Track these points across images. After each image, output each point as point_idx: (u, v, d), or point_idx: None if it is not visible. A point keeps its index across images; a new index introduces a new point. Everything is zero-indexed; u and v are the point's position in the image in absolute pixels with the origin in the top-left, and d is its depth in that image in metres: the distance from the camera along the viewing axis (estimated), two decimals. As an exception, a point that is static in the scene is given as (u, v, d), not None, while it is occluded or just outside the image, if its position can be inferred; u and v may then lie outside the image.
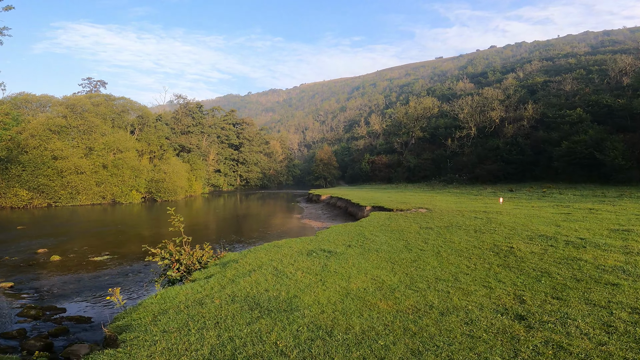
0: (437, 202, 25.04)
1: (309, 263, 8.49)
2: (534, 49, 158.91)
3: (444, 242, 10.76)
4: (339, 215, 29.39)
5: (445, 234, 12.08)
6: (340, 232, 13.01)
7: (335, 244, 10.79)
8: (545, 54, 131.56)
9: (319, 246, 10.48)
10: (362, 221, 15.89)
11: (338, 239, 11.76)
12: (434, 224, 14.12)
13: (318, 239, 11.94)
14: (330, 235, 12.56)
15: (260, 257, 9.40)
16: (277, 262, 8.71)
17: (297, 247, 10.59)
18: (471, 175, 54.01)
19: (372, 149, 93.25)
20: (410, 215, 17.42)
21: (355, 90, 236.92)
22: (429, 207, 20.91)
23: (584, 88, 64.82)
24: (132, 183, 46.12)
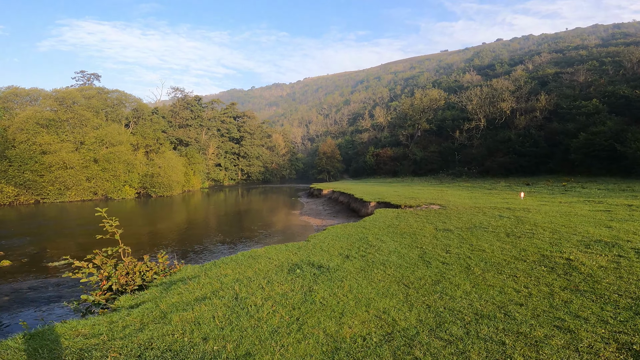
0: (449, 197, 22.47)
1: (287, 286, 6.03)
2: (542, 42, 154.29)
3: (471, 250, 8.24)
4: (341, 211, 26.92)
5: (470, 238, 9.56)
6: (338, 236, 10.53)
7: (329, 254, 8.33)
8: (555, 46, 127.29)
9: (308, 257, 8.02)
10: (366, 220, 13.39)
11: (334, 245, 9.29)
12: (453, 225, 11.59)
13: (309, 245, 9.47)
14: (326, 240, 10.09)
15: (224, 273, 6.96)
16: (244, 283, 6.27)
17: (278, 258, 8.14)
18: (481, 169, 51.21)
19: (377, 141, 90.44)
20: (421, 213, 14.89)
21: (360, 84, 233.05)
22: (442, 202, 18.35)
23: (599, 79, 61.64)
24: (125, 178, 43.94)
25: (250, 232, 19.98)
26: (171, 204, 38.80)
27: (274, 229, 21.01)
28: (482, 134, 61.20)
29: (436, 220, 12.80)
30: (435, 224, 11.87)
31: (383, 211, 16.00)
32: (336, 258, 7.94)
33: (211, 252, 15.01)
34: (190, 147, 63.81)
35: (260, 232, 19.89)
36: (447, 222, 12.22)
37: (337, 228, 12.02)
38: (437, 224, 11.97)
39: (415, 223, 12.33)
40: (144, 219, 26.30)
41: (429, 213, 14.69)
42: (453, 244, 8.99)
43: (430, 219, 13.01)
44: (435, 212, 14.71)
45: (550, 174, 46.32)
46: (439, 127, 74.10)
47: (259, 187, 74.52)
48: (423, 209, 16.09)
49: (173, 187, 47.64)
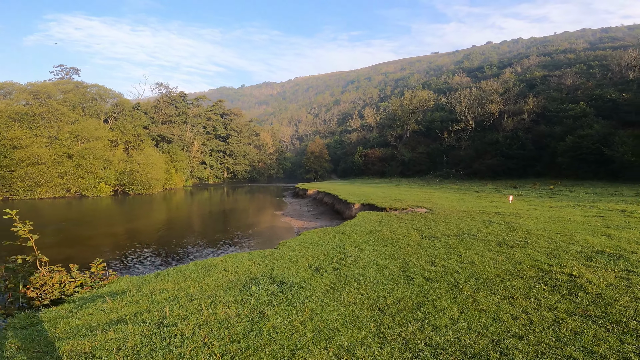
0: (437, 199, 21.59)
1: (234, 309, 4.88)
2: (531, 45, 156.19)
3: (459, 263, 7.21)
4: (325, 212, 25.83)
5: (458, 247, 8.54)
6: (312, 243, 9.41)
7: (297, 266, 7.19)
8: (543, 49, 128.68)
9: (271, 270, 6.87)
10: (346, 225, 12.29)
11: (305, 255, 8.16)
12: (440, 231, 10.58)
13: (277, 254, 8.32)
14: (297, 247, 8.96)
15: (162, 288, 5.77)
16: (180, 303, 5.08)
17: (236, 270, 6.97)
18: (469, 171, 50.79)
19: (366, 142, 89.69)
20: (407, 217, 13.88)
21: (350, 84, 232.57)
22: (429, 205, 17.40)
23: (586, 82, 62.11)
24: (101, 175, 41.98)
25: (226, 234, 18.71)
26: (149, 202, 37.13)
27: (252, 231, 19.78)
28: (470, 135, 60.93)
29: (422, 225, 11.78)
30: (421, 230, 10.84)
31: (366, 214, 14.94)
32: (304, 271, 6.81)
33: (178, 256, 13.73)
34: (173, 144, 61.75)
35: (236, 234, 18.64)
36: (433, 228, 11.20)
37: (313, 233, 10.88)
38: (422, 230, 10.94)
39: (399, 228, 11.28)
40: (113, 219, 24.74)
41: (415, 217, 13.68)
42: (439, 254, 7.94)
43: (415, 224, 11.99)
44: (421, 217, 13.71)
45: (537, 177, 46.14)
46: (427, 128, 73.71)
47: (245, 186, 72.90)
48: (409, 213, 15.10)
49: (152, 184, 45.80)
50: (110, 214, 28.06)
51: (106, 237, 17.72)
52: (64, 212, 28.98)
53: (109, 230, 19.97)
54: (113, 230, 20.03)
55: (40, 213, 27.85)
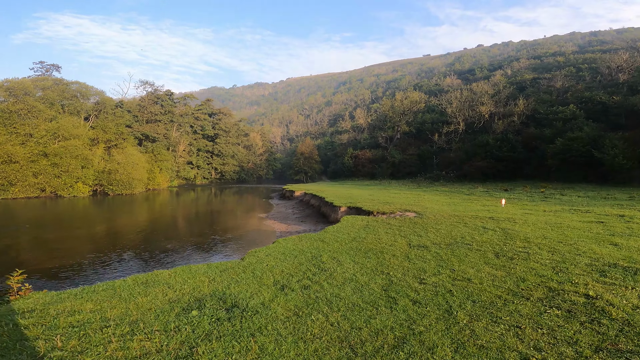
0: (427, 202, 20.61)
1: (156, 343, 3.68)
2: (521, 48, 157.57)
3: (452, 279, 6.12)
4: (311, 215, 24.66)
5: (451, 259, 7.47)
6: (286, 253, 8.24)
7: (259, 283, 6.02)
8: (533, 52, 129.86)
9: (226, 288, 5.68)
10: (328, 231, 11.15)
11: (274, 268, 6.99)
12: (430, 240, 9.50)
13: (240, 267, 7.13)
14: (267, 258, 7.78)
15: (75, 309, 4.55)
16: (85, 332, 3.85)
17: (182, 287, 5.77)
18: (459, 173, 50.17)
19: (356, 143, 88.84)
20: (394, 222, 12.79)
21: (342, 85, 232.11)
22: (418, 209, 16.37)
23: (575, 85, 62.34)
24: (78, 174, 40.08)
25: (202, 238, 17.40)
26: (126, 203, 35.48)
27: (230, 235, 18.49)
28: (460, 137, 60.50)
29: (410, 232, 10.69)
30: (409, 238, 9.75)
31: (351, 219, 13.81)
32: (266, 290, 5.63)
33: (142, 263, 12.41)
34: (158, 144, 59.76)
35: (213, 239, 17.34)
36: (423, 235, 10.12)
37: (288, 241, 9.71)
38: (411, 237, 9.85)
39: (386, 236, 10.18)
40: (82, 221, 23.15)
41: (403, 222, 12.60)
42: (429, 268, 6.85)
43: (403, 231, 10.90)
44: (410, 222, 12.64)
45: (526, 179, 45.69)
46: (418, 130, 73.18)
47: (232, 187, 71.27)
48: (397, 217, 14.02)
49: (133, 185, 43.96)
50: (80, 216, 26.41)
51: (68, 241, 16.26)
52: (33, 212, 27.23)
53: (74, 233, 18.48)
54: (78, 232, 18.55)
55: (6, 214, 26.09)
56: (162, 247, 15.04)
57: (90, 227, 20.32)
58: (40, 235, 17.36)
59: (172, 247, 15.07)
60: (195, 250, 14.79)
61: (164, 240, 16.82)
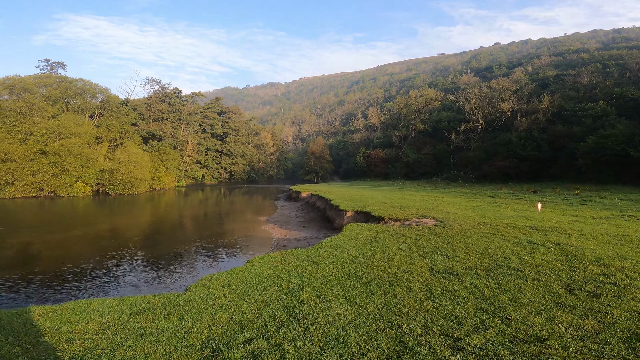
0: (447, 206, 17.86)
1: None
2: (540, 46, 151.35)
3: (509, 340, 3.56)
4: (315, 220, 22.20)
5: (498, 296, 4.89)
6: (251, 283, 5.81)
7: (181, 340, 3.60)
8: (554, 49, 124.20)
9: (112, 353, 3.27)
10: (323, 246, 8.66)
11: (221, 310, 4.58)
12: (460, 261, 6.91)
13: (171, 305, 4.74)
14: (222, 291, 5.38)
15: None
16: None
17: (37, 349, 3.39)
18: (478, 173, 46.89)
19: (369, 142, 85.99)
20: (410, 233, 10.20)
21: (355, 85, 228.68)
22: (438, 215, 13.71)
23: (603, 81, 58.09)
24: (78, 173, 38.64)
25: (186, 246, 15.15)
26: (125, 204, 33.77)
27: (220, 242, 16.20)
28: (479, 136, 57.05)
29: (432, 248, 8.10)
30: (431, 258, 7.18)
31: (357, 227, 11.28)
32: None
33: (90, 276, 10.18)
34: (164, 142, 58.22)
35: (198, 247, 15.08)
36: (449, 254, 7.52)
37: (266, 262, 7.26)
38: (433, 257, 7.27)
39: (399, 254, 7.63)
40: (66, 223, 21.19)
41: (421, 233, 10.00)
42: (467, 315, 4.30)
43: (422, 247, 8.32)
44: (430, 233, 10.02)
45: (553, 180, 42.20)
46: (434, 129, 69.91)
47: (242, 187, 69.46)
48: (413, 226, 11.42)
49: (135, 184, 42.29)
50: (69, 217, 24.59)
51: (35, 246, 14.25)
52: (19, 213, 25.60)
53: (48, 237, 16.49)
54: (52, 237, 16.55)
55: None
56: (135, 256, 12.82)
57: (69, 230, 18.34)
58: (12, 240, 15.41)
59: (144, 258, 12.84)
60: (175, 261, 12.53)
61: (141, 248, 14.64)
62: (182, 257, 13.22)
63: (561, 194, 26.80)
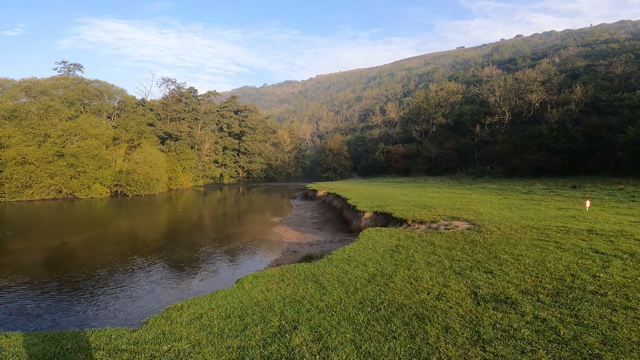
0: (478, 205, 16.00)
1: None
2: (566, 37, 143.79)
3: None
4: (331, 220, 20.71)
5: (587, 340, 3.28)
6: (231, 316, 4.44)
7: None
8: (581, 40, 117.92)
9: None
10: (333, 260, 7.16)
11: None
12: (511, 281, 5.28)
13: (112, 350, 3.38)
14: (185, 330, 4.03)
15: None
16: None
17: None
18: (507, 167, 44.15)
19: (388, 138, 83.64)
20: (440, 240, 8.56)
21: (372, 80, 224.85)
22: (470, 216, 11.96)
23: (638, 71, 54.04)
24: (96, 175, 38.60)
25: (189, 252, 14.01)
26: (140, 205, 33.35)
27: (227, 247, 15.00)
28: (506, 129, 53.97)
29: (470, 263, 6.47)
30: (472, 279, 5.57)
31: (375, 233, 9.73)
32: None
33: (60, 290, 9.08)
34: (181, 142, 58.08)
35: (201, 252, 13.91)
36: (494, 270, 5.88)
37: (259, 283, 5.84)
38: (474, 277, 5.66)
39: (428, 271, 6.06)
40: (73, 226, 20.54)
41: (454, 240, 8.36)
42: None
43: (457, 260, 6.70)
44: (464, 240, 8.36)
45: (589, 174, 39.12)
46: (456, 122, 67.00)
47: (260, 185, 68.76)
48: (442, 230, 9.77)
49: (152, 185, 41.98)
50: (79, 219, 24.11)
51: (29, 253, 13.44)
52: (32, 216, 25.35)
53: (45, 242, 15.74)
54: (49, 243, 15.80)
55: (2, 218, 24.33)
56: (129, 264, 11.74)
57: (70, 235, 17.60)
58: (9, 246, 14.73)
59: (142, 266, 11.73)
60: (172, 267, 11.35)
61: (143, 254, 13.58)
62: (176, 268, 12.02)
63: (604, 189, 24.23)
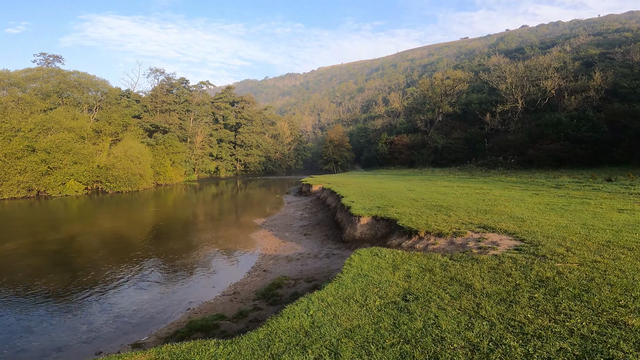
0: (509, 205, 12.39)
1: None
2: (574, 27, 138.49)
3: None
4: (322, 223, 17.21)
5: None
6: None
7: None
8: (591, 30, 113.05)
9: None
10: (278, 328, 3.63)
11: None
12: None
13: None
14: None
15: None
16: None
17: None
18: (522, 158, 40.42)
19: (392, 128, 79.77)
20: (484, 282, 5.02)
21: (375, 72, 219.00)
22: (509, 225, 8.43)
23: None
24: (71, 171, 35.32)
25: (114, 272, 10.61)
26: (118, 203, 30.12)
27: (182, 262, 11.58)
28: (519, 117, 50.03)
29: (567, 341, 2.95)
30: None
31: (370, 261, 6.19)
32: None
33: None
34: (170, 135, 54.52)
35: (138, 270, 10.51)
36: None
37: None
38: None
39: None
40: (17, 230, 17.22)
41: (507, 281, 4.80)
42: None
43: (535, 336, 3.17)
44: (524, 277, 4.80)
45: (615, 164, 35.32)
46: (464, 112, 63.01)
47: (258, 179, 65.38)
48: (474, 252, 6.23)
49: (133, 181, 38.60)
50: (28, 222, 20.79)
51: None
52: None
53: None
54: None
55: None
56: (31, 288, 8.34)
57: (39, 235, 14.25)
58: None
59: (41, 293, 8.32)
60: (74, 296, 7.97)
61: (43, 271, 10.18)
62: (131, 282, 8.63)
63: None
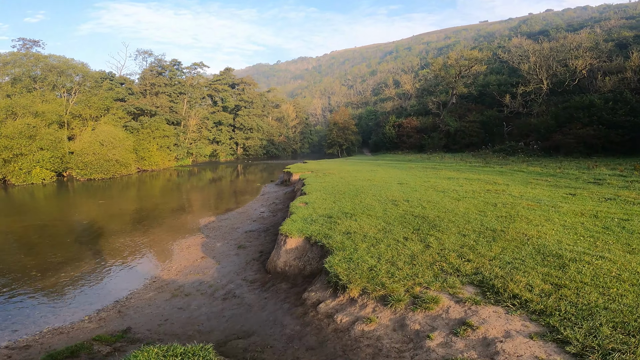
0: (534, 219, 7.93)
1: None
2: (603, 11, 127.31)
3: None
4: (271, 229, 12.87)
5: None
6: None
7: None
8: (623, 13, 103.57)
9: None
10: None
11: None
12: None
13: None
14: None
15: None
16: None
17: None
18: (546, 144, 35.15)
19: (402, 111, 74.40)
20: None
21: (388, 55, 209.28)
22: (532, 279, 4.16)
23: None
24: (36, 157, 32.18)
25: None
26: (76, 192, 26.74)
27: (43, 284, 7.70)
28: (543, 99, 44.21)
29: None
30: None
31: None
32: None
33: None
34: (157, 118, 50.67)
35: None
36: None
37: None
38: None
39: None
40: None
41: None
42: None
43: None
44: None
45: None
46: (480, 94, 57.19)
47: (258, 163, 61.50)
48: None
49: (106, 167, 35.23)
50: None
51: None
52: None
53: None
54: None
55: None
56: None
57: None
58: None
59: None
60: None
61: None
62: None
63: None
